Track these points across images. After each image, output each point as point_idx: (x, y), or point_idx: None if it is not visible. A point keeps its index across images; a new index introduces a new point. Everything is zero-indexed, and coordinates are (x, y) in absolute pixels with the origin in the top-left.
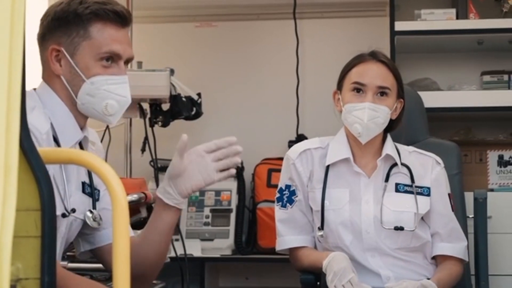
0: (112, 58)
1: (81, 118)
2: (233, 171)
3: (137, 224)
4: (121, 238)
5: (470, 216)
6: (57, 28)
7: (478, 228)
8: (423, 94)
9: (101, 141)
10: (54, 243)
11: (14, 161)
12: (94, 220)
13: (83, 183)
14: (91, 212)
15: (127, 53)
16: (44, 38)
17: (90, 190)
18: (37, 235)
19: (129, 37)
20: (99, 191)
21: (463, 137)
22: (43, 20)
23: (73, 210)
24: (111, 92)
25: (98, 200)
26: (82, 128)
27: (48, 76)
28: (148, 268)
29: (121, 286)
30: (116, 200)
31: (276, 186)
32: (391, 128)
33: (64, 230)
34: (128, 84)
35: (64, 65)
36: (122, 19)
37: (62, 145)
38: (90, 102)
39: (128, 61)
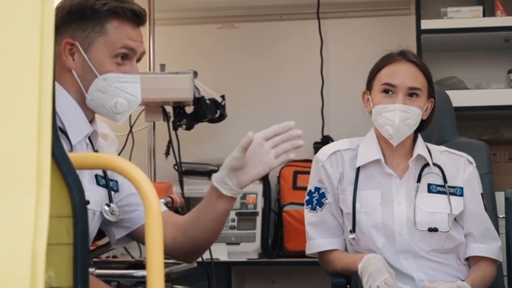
0: (126, 55)
1: (89, 113)
2: (292, 155)
3: None
4: (155, 244)
5: (501, 216)
6: (72, 22)
7: (509, 228)
8: (450, 93)
9: (124, 145)
10: (86, 251)
11: (46, 168)
12: (112, 213)
13: (96, 176)
14: (107, 205)
15: (140, 49)
16: (56, 31)
17: (104, 182)
18: (69, 242)
19: (142, 36)
20: (116, 181)
21: (491, 136)
22: (55, 13)
23: (87, 202)
24: (122, 90)
25: (117, 191)
26: (91, 122)
27: (58, 70)
28: (198, 247)
29: None
30: (149, 206)
31: (302, 188)
32: (422, 128)
33: None
34: (140, 84)
35: (77, 59)
36: (139, 18)
37: (72, 139)
38: (100, 98)
39: (140, 58)
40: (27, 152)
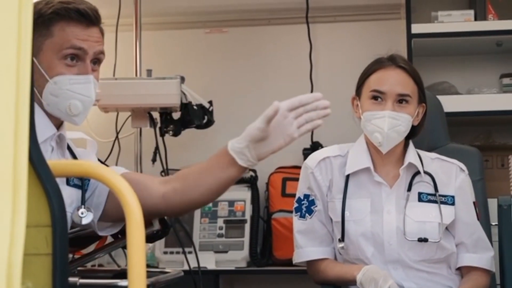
0: (77, 56)
1: (53, 118)
2: (319, 121)
3: (149, 237)
4: (136, 254)
5: (494, 223)
6: None
7: (503, 236)
8: (441, 98)
9: (111, 152)
10: (66, 261)
11: (23, 175)
12: (81, 216)
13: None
14: (77, 209)
15: (93, 49)
16: None
17: (76, 182)
18: (48, 252)
19: (100, 36)
20: (89, 180)
21: (483, 142)
22: None
23: None
24: (74, 92)
25: (87, 189)
26: (58, 127)
27: None
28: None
29: None
30: (131, 214)
31: (291, 195)
32: (414, 134)
33: None
34: (93, 84)
35: None
36: (86, 18)
37: None
38: (54, 102)
39: (99, 60)
40: (3, 157)
